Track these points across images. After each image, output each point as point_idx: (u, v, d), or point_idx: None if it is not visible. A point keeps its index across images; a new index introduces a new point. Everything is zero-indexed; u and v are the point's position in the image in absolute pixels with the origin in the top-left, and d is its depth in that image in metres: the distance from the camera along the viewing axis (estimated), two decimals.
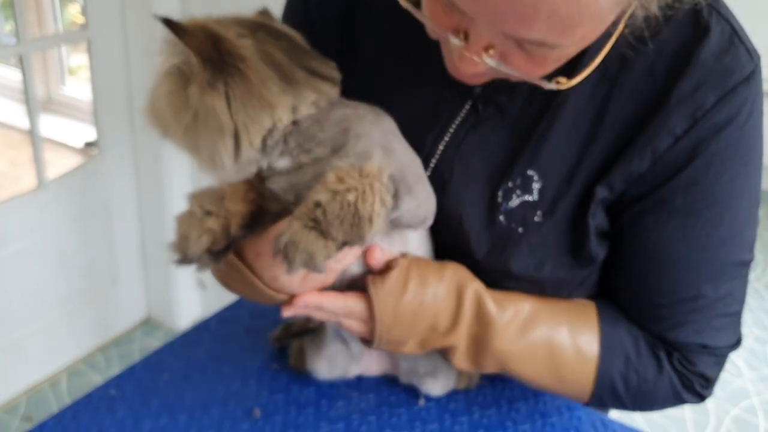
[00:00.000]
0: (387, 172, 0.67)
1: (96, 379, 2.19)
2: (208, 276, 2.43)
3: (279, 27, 0.74)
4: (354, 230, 0.65)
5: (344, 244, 0.66)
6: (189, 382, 0.95)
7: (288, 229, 0.66)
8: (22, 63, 1.98)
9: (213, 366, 0.98)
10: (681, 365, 0.83)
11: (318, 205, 0.65)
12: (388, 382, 0.96)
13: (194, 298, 2.47)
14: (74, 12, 3.54)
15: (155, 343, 2.41)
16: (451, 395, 0.94)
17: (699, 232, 0.77)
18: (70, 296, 2.27)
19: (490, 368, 0.83)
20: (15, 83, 3.35)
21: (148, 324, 2.51)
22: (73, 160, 2.57)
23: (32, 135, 2.04)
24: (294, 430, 0.88)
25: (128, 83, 2.19)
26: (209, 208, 0.73)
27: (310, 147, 0.72)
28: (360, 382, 0.96)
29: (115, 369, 2.19)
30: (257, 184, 0.75)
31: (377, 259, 0.78)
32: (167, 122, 0.72)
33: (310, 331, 0.95)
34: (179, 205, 0.76)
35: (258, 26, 0.72)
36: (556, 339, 0.81)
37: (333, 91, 0.75)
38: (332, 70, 0.75)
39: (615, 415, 1.21)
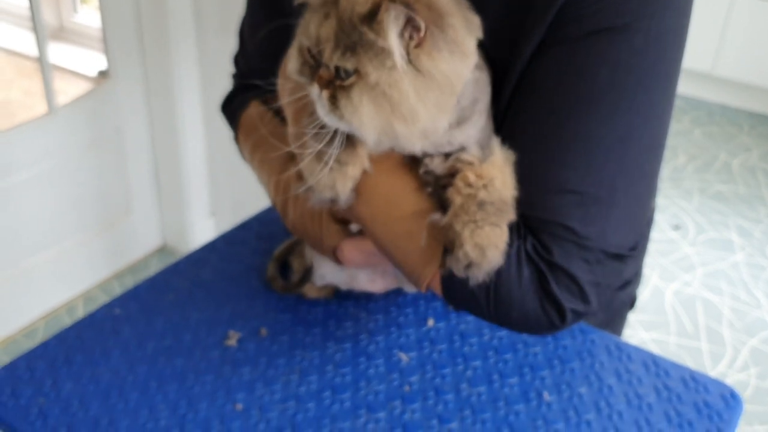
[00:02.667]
0: (510, 161, 0.69)
1: None
2: (219, 202, 2.43)
3: None
4: (505, 214, 0.68)
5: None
6: (194, 302, 0.94)
7: (463, 237, 0.66)
8: None
9: (219, 286, 0.96)
10: (535, 252, 0.69)
11: (482, 204, 0.66)
12: (397, 303, 0.94)
13: (209, 224, 2.47)
14: None
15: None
16: (461, 316, 0.92)
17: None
18: (84, 223, 2.27)
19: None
20: (27, 11, 3.30)
21: (163, 251, 2.52)
22: (85, 90, 2.53)
23: (41, 62, 2.01)
24: (301, 350, 0.87)
25: (138, 10, 2.14)
26: (344, 159, 0.70)
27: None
28: (368, 302, 0.94)
29: None
30: None
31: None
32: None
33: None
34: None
35: None
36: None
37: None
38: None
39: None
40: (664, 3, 0.67)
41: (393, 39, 0.60)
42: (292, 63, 0.67)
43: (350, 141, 0.68)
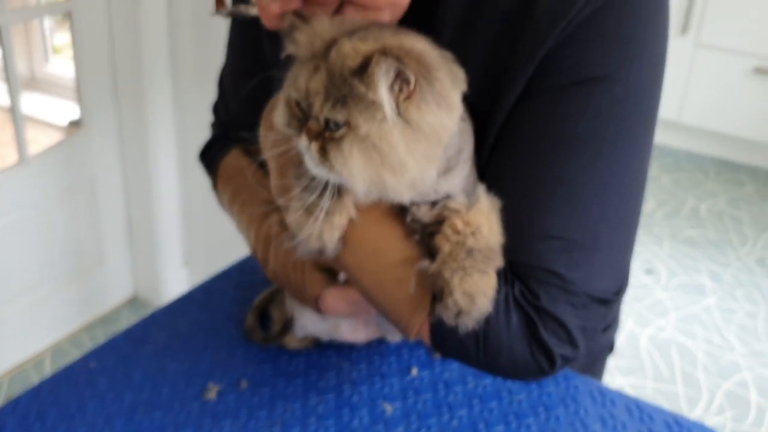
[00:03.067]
0: (496, 208, 0.70)
1: None
2: (193, 253, 2.41)
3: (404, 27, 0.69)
4: (492, 261, 0.68)
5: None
6: (173, 353, 0.92)
7: (452, 284, 0.66)
8: (1, 37, 1.92)
9: (198, 337, 0.95)
10: (523, 297, 0.69)
11: (470, 251, 0.66)
12: (380, 352, 0.93)
13: (181, 275, 2.44)
14: None
15: None
16: (445, 365, 0.91)
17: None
18: (54, 274, 2.23)
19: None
20: None
21: (134, 302, 2.47)
22: (57, 139, 2.51)
23: (13, 112, 1.99)
24: (283, 402, 0.85)
25: (112, 59, 2.14)
26: (330, 209, 0.69)
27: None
28: (351, 351, 0.93)
29: None
30: None
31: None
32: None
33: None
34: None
35: (400, 30, 0.67)
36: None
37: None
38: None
39: None
40: (642, 54, 0.69)
41: (384, 92, 0.60)
42: (278, 115, 0.68)
43: (336, 193, 0.68)
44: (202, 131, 1.01)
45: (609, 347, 1.09)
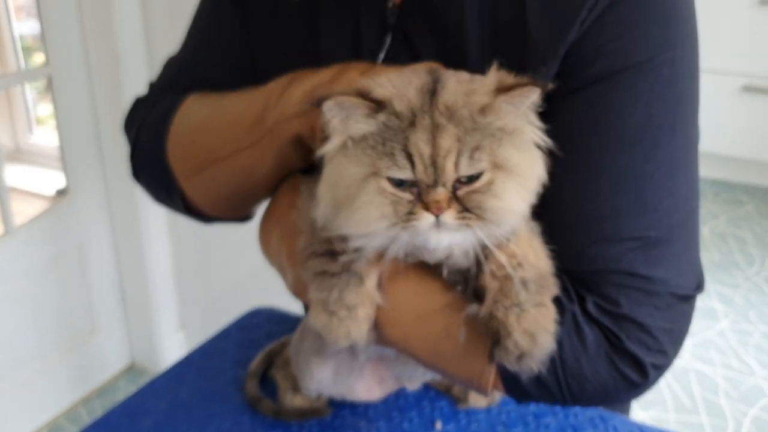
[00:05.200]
0: (536, 232, 0.64)
1: None
2: (188, 315, 2.33)
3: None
4: (547, 289, 0.62)
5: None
6: (174, 425, 0.84)
7: (509, 324, 0.59)
8: None
9: (200, 405, 0.87)
10: (600, 310, 0.64)
11: (523, 284, 0.60)
12: (399, 407, 0.86)
13: (179, 339, 2.36)
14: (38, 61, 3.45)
15: None
16: (471, 415, 0.84)
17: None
18: (46, 347, 2.15)
19: None
20: None
21: (132, 371, 2.38)
22: (43, 209, 2.46)
23: None
24: None
25: (96, 126, 2.10)
26: (351, 302, 0.63)
27: None
28: (367, 409, 0.86)
29: None
30: None
31: None
32: None
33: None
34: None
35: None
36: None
37: None
38: None
39: None
40: (683, 31, 0.66)
41: (530, 115, 0.58)
42: (373, 213, 0.57)
43: (354, 276, 0.62)
44: None
45: None
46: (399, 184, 0.55)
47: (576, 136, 0.65)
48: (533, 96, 0.56)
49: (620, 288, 0.63)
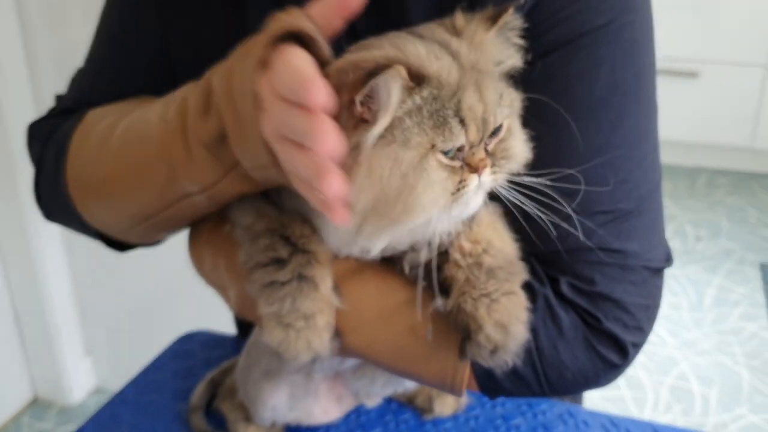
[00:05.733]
0: (498, 214, 0.60)
1: None
2: (94, 339, 2.19)
3: None
4: (516, 275, 0.58)
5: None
6: None
7: (479, 317, 0.55)
8: None
9: None
10: (574, 290, 0.61)
11: (490, 271, 0.56)
12: (361, 425, 0.81)
13: (86, 366, 2.21)
14: None
15: (48, 425, 2.12)
16: (439, 425, 0.80)
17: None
18: None
19: None
20: None
21: (36, 405, 2.22)
22: None
23: None
24: None
25: None
26: (308, 310, 0.58)
27: None
28: (327, 429, 0.80)
29: None
30: None
31: None
32: None
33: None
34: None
35: None
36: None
37: None
38: None
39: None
40: None
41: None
42: (438, 191, 0.52)
43: (307, 282, 0.57)
44: None
45: None
46: (446, 153, 0.52)
47: (539, 108, 0.60)
48: (514, 20, 0.54)
49: (594, 265, 0.61)
